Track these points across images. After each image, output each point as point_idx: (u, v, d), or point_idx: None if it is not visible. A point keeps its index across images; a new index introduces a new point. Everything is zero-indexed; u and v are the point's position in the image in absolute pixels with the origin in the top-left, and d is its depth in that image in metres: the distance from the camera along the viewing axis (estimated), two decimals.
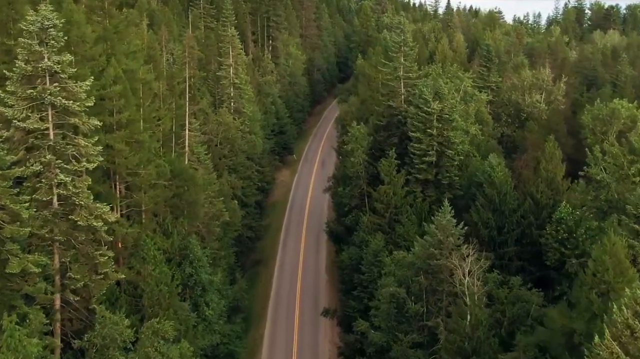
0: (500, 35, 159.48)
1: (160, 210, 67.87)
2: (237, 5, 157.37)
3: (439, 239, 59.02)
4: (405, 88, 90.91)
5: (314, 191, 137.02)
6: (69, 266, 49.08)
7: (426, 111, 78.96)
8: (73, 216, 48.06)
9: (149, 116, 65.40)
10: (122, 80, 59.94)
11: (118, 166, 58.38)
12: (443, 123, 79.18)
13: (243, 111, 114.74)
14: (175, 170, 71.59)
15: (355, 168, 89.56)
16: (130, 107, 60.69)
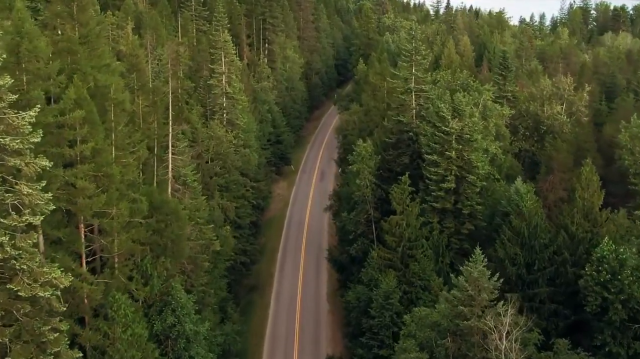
0: (509, 39, 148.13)
1: (136, 250, 56.48)
2: (231, 7, 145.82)
3: (470, 295, 47.83)
4: (417, 102, 79.68)
5: (313, 205, 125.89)
6: (8, 346, 37.78)
7: (444, 130, 67.79)
8: (13, 284, 36.79)
9: (122, 143, 53.97)
10: (86, 102, 48.52)
11: (81, 207, 46.94)
12: (463, 144, 67.97)
13: (236, 123, 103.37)
14: (155, 202, 60.33)
15: (361, 191, 78.43)
16: (97, 134, 49.36)
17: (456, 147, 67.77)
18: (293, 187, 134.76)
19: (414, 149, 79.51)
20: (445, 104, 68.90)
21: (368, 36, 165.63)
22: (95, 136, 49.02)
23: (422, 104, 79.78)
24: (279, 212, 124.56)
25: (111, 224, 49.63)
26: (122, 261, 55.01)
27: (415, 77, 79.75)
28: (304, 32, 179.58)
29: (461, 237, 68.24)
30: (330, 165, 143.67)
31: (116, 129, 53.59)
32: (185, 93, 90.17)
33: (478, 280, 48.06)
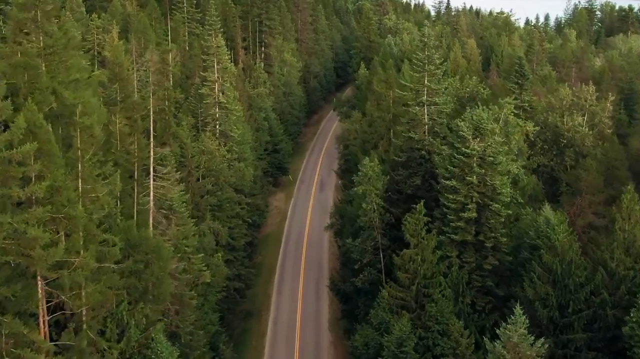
0: (517, 42, 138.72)
1: (108, 299, 47.20)
2: (226, 9, 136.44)
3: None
4: (430, 116, 70.38)
5: (313, 218, 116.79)
6: None
7: (464, 152, 58.45)
8: None
9: (90, 174, 44.54)
10: (42, 130, 39.18)
11: (34, 260, 37.59)
12: (486, 168, 58.63)
13: (230, 135, 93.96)
14: (133, 239, 51.04)
15: (368, 216, 69.14)
16: (56, 169, 39.90)
17: (478, 171, 58.44)
18: (291, 199, 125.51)
19: (427, 169, 70.31)
20: (465, 121, 59.53)
21: (369, 39, 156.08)
22: (53, 170, 39.62)
23: (436, 118, 70.44)
24: (276, 227, 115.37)
25: (74, 276, 40.26)
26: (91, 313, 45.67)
27: (428, 88, 70.36)
28: (302, 34, 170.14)
29: (483, 273, 59.06)
30: (330, 174, 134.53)
31: (83, 158, 44.08)
32: (173, 105, 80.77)
33: (518, 346, 38.77)
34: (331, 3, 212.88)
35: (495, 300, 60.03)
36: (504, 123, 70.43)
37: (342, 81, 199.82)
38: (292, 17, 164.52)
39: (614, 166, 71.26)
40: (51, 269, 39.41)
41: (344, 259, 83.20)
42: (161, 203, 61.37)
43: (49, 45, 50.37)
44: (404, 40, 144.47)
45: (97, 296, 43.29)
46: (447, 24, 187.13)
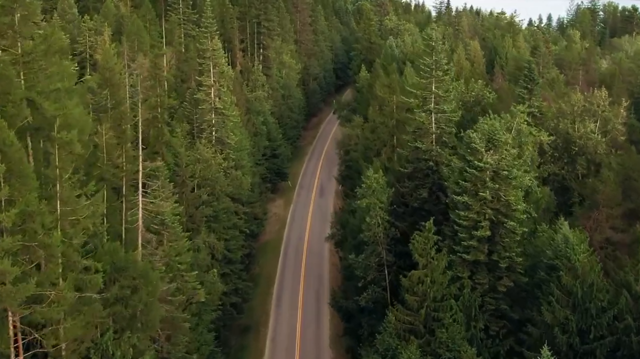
0: (522, 43, 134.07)
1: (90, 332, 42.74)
2: (223, 10, 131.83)
3: None
4: (438, 125, 65.85)
5: (313, 226, 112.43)
6: None
7: (477, 166, 53.91)
8: None
9: (70, 195, 40.01)
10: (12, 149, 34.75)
11: (2, 296, 33.12)
12: (500, 182, 54.11)
13: (227, 142, 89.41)
14: (118, 263, 46.58)
15: (373, 231, 64.67)
16: (28, 191, 35.44)
17: (492, 186, 53.91)
18: (290, 205, 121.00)
19: (434, 181, 65.82)
20: (477, 132, 55.01)
21: (370, 40, 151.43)
22: (25, 194, 35.10)
23: (444, 127, 65.92)
24: (275, 235, 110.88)
25: (50, 312, 35.78)
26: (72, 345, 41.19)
27: (435, 95, 65.83)
28: (301, 35, 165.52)
29: (497, 295, 54.60)
30: (330, 179, 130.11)
31: (62, 177, 39.55)
32: (166, 112, 76.28)
33: None
34: (330, 3, 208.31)
35: (510, 324, 55.59)
36: (516, 132, 65.91)
37: (341, 83, 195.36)
38: (291, 17, 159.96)
39: (631, 176, 66.67)
40: (23, 304, 34.90)
41: (346, 273, 78.78)
42: (152, 219, 56.84)
43: (27, 52, 45.73)
44: (406, 41, 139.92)
45: (77, 330, 38.86)
46: (449, 24, 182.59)
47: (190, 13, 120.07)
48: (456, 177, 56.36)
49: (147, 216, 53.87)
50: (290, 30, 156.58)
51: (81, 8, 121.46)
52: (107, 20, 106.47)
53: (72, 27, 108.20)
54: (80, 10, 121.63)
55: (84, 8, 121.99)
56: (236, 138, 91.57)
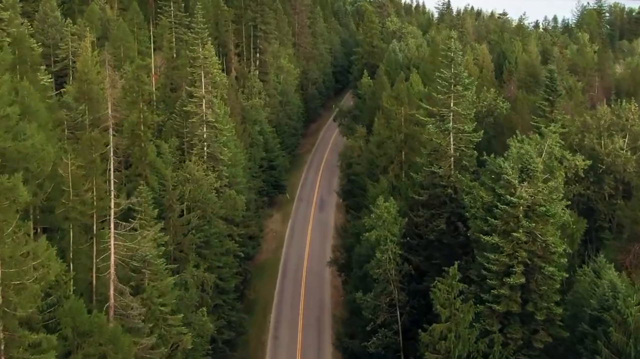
0: (534, 48, 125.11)
1: None
2: (218, 12, 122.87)
3: None
4: (457, 147, 57.02)
5: (313, 244, 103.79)
6: None
7: (510, 201, 45.07)
8: None
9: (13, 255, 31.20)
10: None
11: None
12: (536, 220, 45.33)
13: (220, 157, 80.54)
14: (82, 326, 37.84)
15: (383, 268, 55.86)
16: None
17: (526, 225, 45.09)
18: (288, 220, 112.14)
19: (453, 209, 56.99)
20: (508, 160, 46.19)
21: (371, 44, 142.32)
22: None
23: (464, 149, 57.09)
24: (272, 254, 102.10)
25: None
26: None
27: (454, 113, 56.99)
28: (300, 38, 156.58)
29: (533, 353, 45.88)
30: (330, 190, 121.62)
31: (3, 232, 30.69)
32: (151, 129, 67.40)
33: None
34: (329, 4, 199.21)
35: None
36: (547, 156, 57.10)
37: (341, 86, 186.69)
38: (288, 20, 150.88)
39: None
40: None
41: (351, 306, 69.90)
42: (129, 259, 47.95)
43: None
44: (410, 45, 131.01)
45: None
46: (453, 27, 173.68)
47: (182, 16, 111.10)
48: (478, 207, 47.71)
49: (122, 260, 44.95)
50: (288, 33, 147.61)
51: (66, 10, 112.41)
52: (92, 24, 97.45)
53: (54, 31, 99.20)
54: (66, 12, 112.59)
55: (69, 11, 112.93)
56: (230, 153, 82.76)
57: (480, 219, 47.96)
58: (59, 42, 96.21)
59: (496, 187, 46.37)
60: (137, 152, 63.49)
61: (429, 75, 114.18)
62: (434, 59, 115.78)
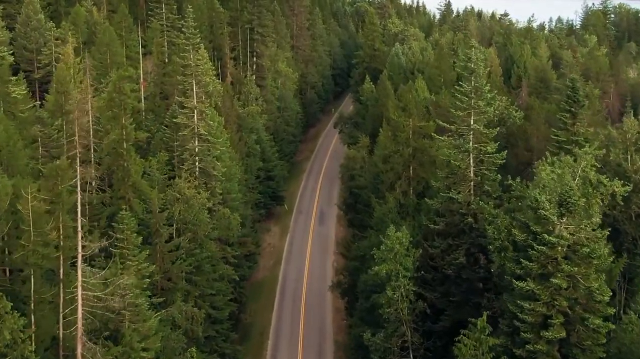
0: (544, 51, 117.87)
1: None
2: (212, 14, 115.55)
3: None
4: (478, 169, 49.84)
5: (313, 261, 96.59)
6: None
7: (547, 241, 37.89)
8: None
9: None
10: None
11: None
12: (578, 263, 38.18)
13: (213, 173, 73.39)
14: None
15: (395, 306, 48.73)
16: None
17: (567, 269, 37.96)
18: (287, 234, 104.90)
19: (473, 239, 49.86)
20: (544, 192, 39.05)
21: (373, 47, 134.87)
22: None
23: (486, 172, 49.91)
24: (269, 272, 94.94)
25: None
26: None
27: (475, 132, 49.84)
28: (298, 40, 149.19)
29: None
30: (331, 201, 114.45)
31: None
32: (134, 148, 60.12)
33: None
34: (328, 5, 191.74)
35: None
36: (582, 181, 49.94)
37: (340, 89, 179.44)
38: (286, 22, 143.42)
39: None
40: None
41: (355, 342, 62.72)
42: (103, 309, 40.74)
43: None
44: (414, 49, 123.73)
45: None
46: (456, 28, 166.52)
47: (175, 18, 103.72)
48: (503, 239, 40.62)
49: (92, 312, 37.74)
50: (287, 36, 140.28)
51: (52, 13, 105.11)
52: (77, 28, 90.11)
53: (37, 35, 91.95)
54: (52, 15, 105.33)
55: (55, 13, 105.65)
56: (224, 168, 75.56)
57: (510, 260, 40.83)
58: (42, 47, 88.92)
59: (531, 224, 39.20)
60: (119, 173, 56.25)
61: (434, 81, 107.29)
62: (440, 63, 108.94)
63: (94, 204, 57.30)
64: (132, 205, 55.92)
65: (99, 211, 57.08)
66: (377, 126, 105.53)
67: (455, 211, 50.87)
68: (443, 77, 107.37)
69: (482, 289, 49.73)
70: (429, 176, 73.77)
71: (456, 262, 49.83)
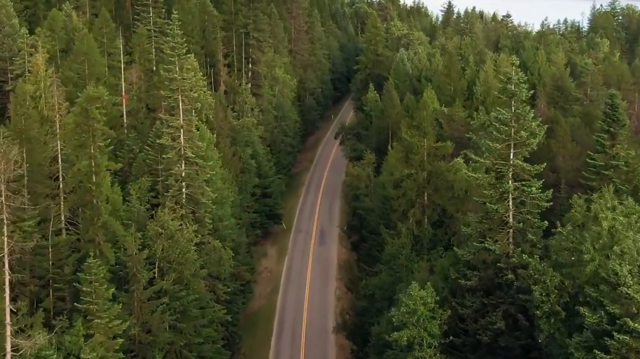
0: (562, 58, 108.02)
1: None
2: (204, 18, 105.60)
3: None
4: (519, 214, 40.12)
5: (313, 289, 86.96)
6: None
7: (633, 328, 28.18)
8: None
9: None
10: None
11: None
12: None
13: (202, 201, 63.64)
14: None
15: None
16: None
17: None
18: (285, 257, 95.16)
19: (513, 299, 40.15)
20: (624, 260, 29.40)
21: (376, 52, 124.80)
22: None
23: (529, 217, 40.20)
24: (266, 301, 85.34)
25: None
26: None
27: (515, 169, 40.18)
28: (296, 44, 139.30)
29: None
30: (331, 218, 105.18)
31: None
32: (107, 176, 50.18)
33: None
34: (327, 7, 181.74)
35: None
36: None
37: (340, 94, 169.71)
38: (284, 25, 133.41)
39: None
40: None
41: None
42: None
43: None
44: (421, 55, 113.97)
45: None
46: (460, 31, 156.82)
47: (163, 23, 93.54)
48: (553, 302, 30.99)
49: None
50: (284, 40, 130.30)
51: (29, 17, 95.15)
52: (54, 34, 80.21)
53: (10, 42, 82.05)
54: (29, 19, 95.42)
55: (33, 17, 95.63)
56: (214, 195, 65.81)
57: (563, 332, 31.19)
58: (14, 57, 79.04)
59: (606, 302, 29.58)
60: (87, 212, 46.48)
61: (443, 90, 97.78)
62: (450, 71, 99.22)
63: (60, 246, 47.56)
64: (103, 250, 46.12)
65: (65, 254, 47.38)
66: (383, 139, 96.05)
67: (490, 263, 41.20)
68: (453, 85, 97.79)
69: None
70: (445, 203, 64.52)
71: (493, 328, 40.16)
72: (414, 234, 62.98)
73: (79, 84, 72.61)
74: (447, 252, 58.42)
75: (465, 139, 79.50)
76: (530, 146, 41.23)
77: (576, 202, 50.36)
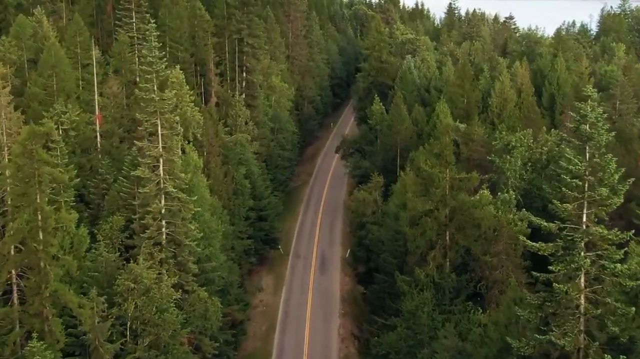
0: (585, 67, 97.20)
1: None
2: (194, 23, 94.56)
3: None
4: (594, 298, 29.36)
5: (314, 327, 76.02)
6: None
7: None
8: None
9: None
10: None
11: None
12: None
13: (185, 243, 52.97)
14: None
15: None
16: None
17: None
18: (282, 287, 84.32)
19: None
20: None
21: (380, 58, 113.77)
22: None
23: (608, 301, 29.51)
24: (261, 341, 74.63)
25: None
26: None
27: (592, 238, 29.51)
28: (294, 49, 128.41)
29: None
30: (333, 240, 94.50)
31: None
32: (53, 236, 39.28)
33: None
34: (325, 9, 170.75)
35: None
36: None
37: (339, 100, 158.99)
38: (281, 29, 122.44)
39: None
40: None
41: None
42: None
43: None
44: (430, 63, 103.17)
45: None
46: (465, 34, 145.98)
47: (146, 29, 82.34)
48: None
49: None
50: (281, 45, 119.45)
51: None
52: (21, 43, 69.20)
53: None
54: None
55: (4, 23, 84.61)
56: (199, 234, 55.09)
57: None
58: None
59: None
60: (31, 279, 35.70)
61: (456, 103, 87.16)
62: (463, 81, 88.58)
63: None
64: (52, 327, 35.30)
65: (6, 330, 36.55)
66: (390, 158, 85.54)
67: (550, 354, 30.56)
68: (467, 97, 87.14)
69: None
70: (470, 243, 53.95)
71: None
72: (434, 281, 52.42)
73: (45, 102, 61.69)
74: (475, 307, 48.08)
75: (486, 162, 69.22)
76: (611, 206, 30.61)
77: (634, 250, 39.98)
